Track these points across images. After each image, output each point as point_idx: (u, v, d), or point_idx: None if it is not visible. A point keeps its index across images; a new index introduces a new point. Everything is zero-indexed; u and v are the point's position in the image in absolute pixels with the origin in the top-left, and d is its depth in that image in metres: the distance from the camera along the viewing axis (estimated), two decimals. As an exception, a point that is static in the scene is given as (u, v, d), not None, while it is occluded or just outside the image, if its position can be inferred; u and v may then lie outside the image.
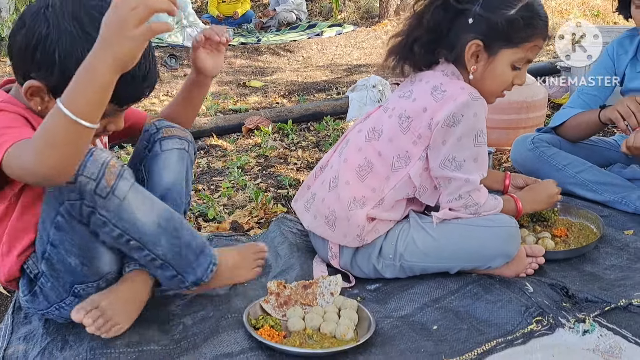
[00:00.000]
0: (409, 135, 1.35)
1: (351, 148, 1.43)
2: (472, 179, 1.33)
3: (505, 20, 1.29)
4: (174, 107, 1.45)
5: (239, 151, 2.77)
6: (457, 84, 1.34)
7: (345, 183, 1.38)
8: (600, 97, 1.92)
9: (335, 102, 3.50)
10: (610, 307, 1.27)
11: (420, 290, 1.38)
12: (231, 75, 5.08)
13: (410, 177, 1.35)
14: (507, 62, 1.34)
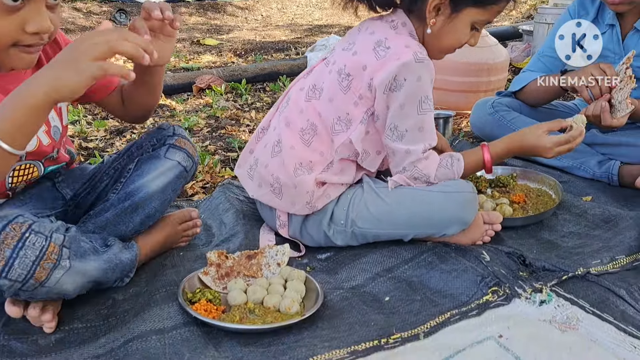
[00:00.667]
0: (349, 95, 1.23)
1: (292, 109, 1.31)
2: (413, 150, 1.24)
3: None
4: (132, 92, 1.23)
5: (188, 112, 2.60)
6: (403, 40, 1.21)
7: (290, 148, 1.27)
8: (560, 59, 1.86)
9: (293, 62, 3.35)
10: (568, 276, 1.22)
11: (372, 260, 1.30)
12: (185, 32, 4.82)
13: (351, 141, 1.25)
14: (469, 22, 1.23)
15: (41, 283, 0.94)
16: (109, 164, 1.29)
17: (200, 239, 1.41)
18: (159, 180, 1.21)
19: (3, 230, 0.90)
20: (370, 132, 1.27)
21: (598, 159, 1.79)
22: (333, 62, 1.28)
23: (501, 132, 1.90)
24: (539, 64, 1.91)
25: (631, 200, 1.63)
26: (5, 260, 0.90)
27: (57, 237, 0.95)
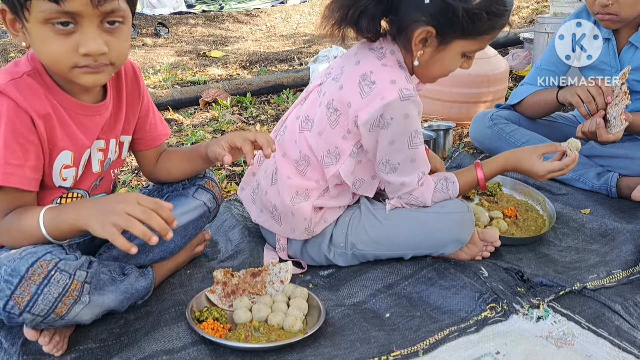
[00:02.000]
0: (337, 129, 1.24)
1: (287, 138, 1.34)
2: (408, 181, 1.26)
3: (467, 12, 1.12)
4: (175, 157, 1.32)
5: (194, 126, 2.65)
6: (389, 73, 1.18)
7: (287, 178, 1.30)
8: (558, 73, 1.89)
9: (296, 74, 3.39)
10: (565, 291, 1.25)
11: (373, 276, 1.34)
12: (191, 44, 4.88)
13: (340, 174, 1.26)
14: (458, 52, 1.21)
15: (61, 317, 0.99)
16: None
17: (206, 255, 1.45)
18: (183, 217, 1.27)
19: (31, 266, 0.94)
20: (362, 161, 1.29)
21: (597, 170, 1.81)
22: (324, 93, 1.28)
23: (500, 144, 1.94)
24: (537, 78, 1.93)
25: (629, 212, 1.66)
26: (30, 295, 0.94)
27: (80, 275, 1.00)
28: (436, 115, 2.65)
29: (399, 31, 1.20)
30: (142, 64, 4.02)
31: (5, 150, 0.96)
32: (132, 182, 1.99)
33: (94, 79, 0.99)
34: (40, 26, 0.92)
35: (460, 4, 1.12)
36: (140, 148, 1.29)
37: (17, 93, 0.96)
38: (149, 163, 1.32)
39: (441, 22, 1.14)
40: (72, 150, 1.07)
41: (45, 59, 0.97)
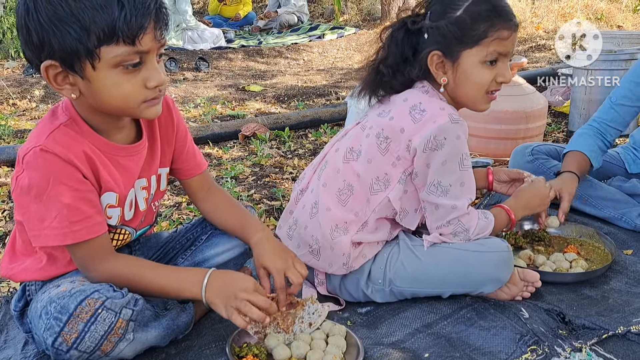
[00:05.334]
0: (387, 156, 1.29)
1: (329, 170, 1.38)
2: (459, 205, 1.28)
3: (452, 23, 1.25)
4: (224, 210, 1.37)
5: (234, 160, 2.73)
6: (437, 103, 1.28)
7: (326, 210, 1.33)
8: (634, 109, 1.83)
9: (334, 109, 3.46)
10: (608, 334, 1.23)
11: (412, 315, 1.34)
12: (231, 79, 5.04)
13: (389, 200, 1.30)
14: (475, 62, 1.27)
15: (106, 354, 1.03)
16: (182, 233, 1.40)
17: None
18: (225, 255, 1.33)
19: (80, 304, 0.99)
20: (408, 191, 1.33)
21: (639, 210, 1.78)
22: (370, 127, 1.35)
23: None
24: (612, 114, 1.85)
25: (675, 254, 1.62)
26: (78, 333, 0.99)
27: (126, 313, 1.04)
28: (474, 151, 2.65)
29: (422, 72, 1.31)
30: (183, 98, 4.17)
31: (66, 211, 1.02)
32: (172, 215, 2.06)
33: (157, 109, 1.06)
34: (110, 70, 0.97)
35: (445, 21, 1.26)
36: (182, 177, 1.34)
37: (59, 147, 1.01)
38: (192, 193, 1.37)
39: (440, 43, 1.27)
40: (116, 191, 1.12)
41: (116, 101, 1.01)
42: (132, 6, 0.94)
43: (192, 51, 6.09)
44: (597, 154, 1.83)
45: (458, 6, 1.25)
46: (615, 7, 7.38)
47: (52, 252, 1.14)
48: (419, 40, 1.30)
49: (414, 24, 1.30)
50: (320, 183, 1.38)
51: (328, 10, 9.15)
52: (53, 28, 0.94)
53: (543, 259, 1.57)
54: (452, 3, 1.26)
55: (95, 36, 0.94)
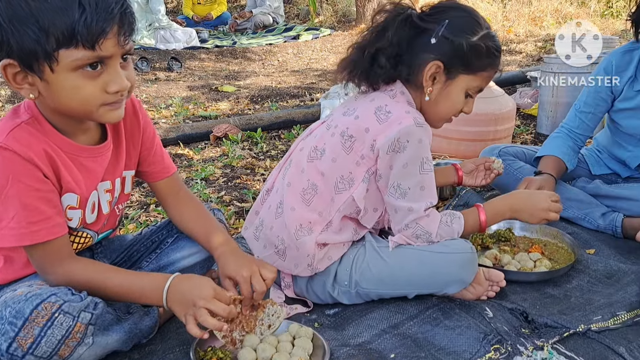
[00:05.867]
0: (352, 155, 1.30)
1: (294, 170, 1.37)
2: (415, 208, 1.29)
3: (469, 46, 1.26)
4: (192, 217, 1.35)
5: (205, 161, 2.70)
6: (402, 107, 1.29)
7: (291, 210, 1.33)
8: (598, 115, 1.88)
9: (307, 110, 3.46)
10: (569, 332, 1.26)
11: (379, 315, 1.35)
12: (204, 79, 5.00)
13: (354, 199, 1.31)
14: (463, 89, 1.31)
15: (64, 358, 1.01)
16: (147, 236, 1.38)
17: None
18: (191, 258, 1.31)
19: (35, 308, 0.96)
20: (370, 190, 1.33)
21: (602, 210, 1.82)
22: (335, 126, 1.35)
23: (507, 180, 1.96)
24: (577, 121, 1.90)
25: (634, 253, 1.66)
26: (33, 338, 0.96)
27: (85, 317, 1.01)
28: (444, 152, 2.68)
29: (410, 72, 1.30)
30: (154, 98, 4.12)
31: (25, 211, 1.00)
32: (140, 217, 2.03)
33: (118, 114, 1.04)
34: (69, 73, 0.94)
35: (462, 40, 1.26)
36: (150, 180, 1.32)
37: (19, 144, 0.98)
38: (161, 197, 1.35)
39: (447, 57, 1.27)
40: (77, 193, 1.10)
41: (74, 104, 0.99)
42: (94, 10, 0.91)
43: (164, 51, 6.02)
44: (570, 156, 1.88)
45: (475, 33, 1.26)
46: (584, 12, 7.56)
47: (9, 253, 1.11)
48: (417, 38, 1.29)
49: (423, 21, 1.28)
50: (285, 183, 1.37)
51: (303, 11, 9.16)
52: (12, 27, 0.91)
53: (508, 259, 1.59)
54: (472, 27, 1.27)
55: (54, 38, 0.91)
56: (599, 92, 1.82)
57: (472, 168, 1.69)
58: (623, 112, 1.79)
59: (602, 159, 1.99)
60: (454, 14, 1.29)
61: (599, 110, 1.85)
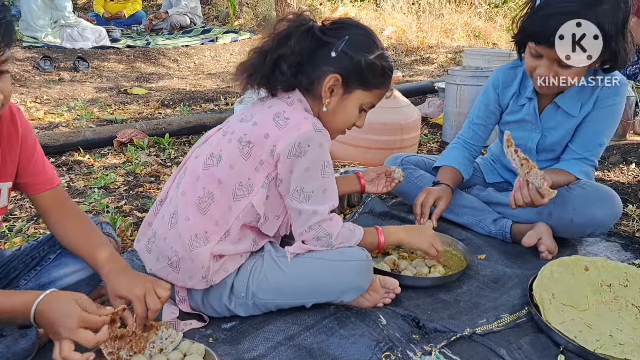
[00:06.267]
0: (250, 161, 1.29)
1: (189, 178, 1.34)
2: (320, 210, 1.31)
3: (367, 63, 1.32)
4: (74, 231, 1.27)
5: (106, 168, 2.57)
6: (300, 113, 1.31)
7: (185, 219, 1.29)
8: (489, 126, 1.98)
9: (220, 115, 3.40)
10: (456, 336, 1.31)
11: (276, 328, 1.34)
12: (112, 80, 4.78)
13: (253, 205, 1.30)
14: (358, 103, 1.37)
15: None
16: (26, 252, 1.28)
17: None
18: (76, 275, 1.23)
19: None
20: (270, 197, 1.33)
21: (493, 217, 1.93)
22: (232, 132, 1.33)
23: (409, 188, 2.03)
24: (470, 132, 1.99)
25: (521, 257, 1.77)
26: None
27: None
28: (353, 160, 2.73)
29: (309, 82, 1.33)
30: (56, 100, 3.88)
31: None
32: (28, 230, 1.89)
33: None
34: None
35: (361, 57, 1.32)
36: (30, 192, 1.24)
37: None
38: (43, 211, 1.26)
39: (346, 71, 1.32)
40: None
41: None
42: None
43: (70, 50, 5.70)
44: (466, 166, 1.97)
45: (372, 52, 1.33)
46: (491, 26, 8.03)
47: None
48: (319, 50, 1.32)
49: (324, 35, 1.31)
50: (180, 192, 1.33)
51: (223, 13, 9.02)
52: None
53: (406, 264, 1.64)
54: (370, 46, 1.33)
55: None
56: (488, 105, 1.93)
57: (373, 176, 1.74)
58: (509, 124, 1.90)
59: (495, 168, 2.11)
60: (353, 32, 1.34)
61: (489, 122, 1.96)
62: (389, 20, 7.65)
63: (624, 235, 1.94)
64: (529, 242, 1.75)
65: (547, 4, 1.54)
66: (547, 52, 1.57)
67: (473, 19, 8.07)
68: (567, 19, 1.49)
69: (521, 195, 1.59)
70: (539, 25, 1.54)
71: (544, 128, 1.82)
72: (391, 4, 8.03)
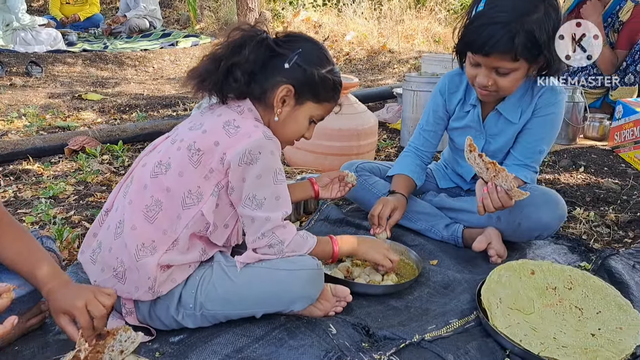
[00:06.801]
0: (200, 169, 1.28)
1: (136, 186, 1.32)
2: (273, 217, 1.30)
3: (319, 76, 1.35)
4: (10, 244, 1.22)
5: (56, 177, 2.49)
6: (251, 122, 1.31)
7: (132, 228, 1.27)
8: (439, 132, 2.01)
9: (176, 121, 3.34)
10: (405, 343, 1.32)
11: (224, 340, 1.32)
12: (67, 86, 4.65)
13: (203, 214, 1.29)
14: (308, 115, 1.40)
15: None
16: None
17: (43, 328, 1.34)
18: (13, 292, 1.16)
19: None
20: (219, 206, 1.32)
21: (445, 222, 1.96)
22: (181, 140, 1.32)
23: (364, 195, 2.05)
24: (421, 139, 2.02)
25: (471, 262, 1.80)
26: None
27: None
28: (311, 166, 2.73)
29: (262, 92, 1.34)
30: (6, 106, 3.74)
31: None
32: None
33: None
34: None
35: (314, 69, 1.34)
36: None
37: None
38: None
39: (298, 83, 1.34)
40: None
41: None
42: None
43: (23, 54, 5.52)
44: (418, 173, 1.99)
45: (324, 66, 1.36)
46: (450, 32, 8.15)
47: None
48: (272, 60, 1.33)
49: (278, 46, 1.33)
50: (126, 201, 1.31)
51: (184, 16, 8.91)
52: None
53: (359, 272, 1.65)
54: (322, 60, 1.36)
55: None
56: (437, 111, 1.97)
57: (327, 181, 1.76)
58: (456, 130, 1.94)
59: (447, 174, 2.15)
60: (306, 45, 1.37)
61: (439, 129, 1.99)
62: (351, 25, 7.71)
63: (572, 238, 2.00)
64: (479, 246, 1.79)
65: (482, 14, 1.59)
66: (484, 61, 1.62)
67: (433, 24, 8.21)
68: (500, 29, 1.54)
69: (491, 200, 1.61)
70: (475, 35, 1.59)
71: (488, 134, 1.87)
72: (353, 9, 8.09)
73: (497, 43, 1.55)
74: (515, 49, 1.55)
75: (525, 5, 1.55)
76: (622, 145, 3.03)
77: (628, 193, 2.48)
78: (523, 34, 1.53)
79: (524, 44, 1.54)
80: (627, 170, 2.80)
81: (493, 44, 1.56)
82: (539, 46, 1.56)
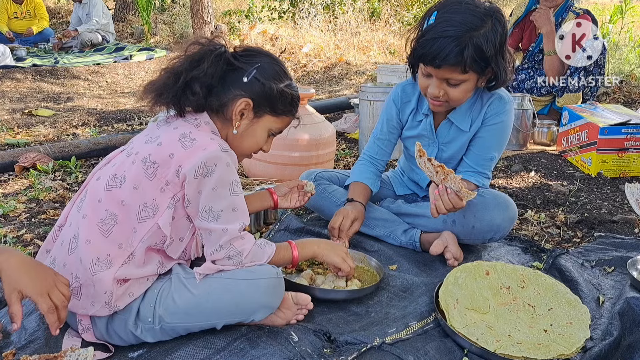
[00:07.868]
0: (155, 182, 1.27)
1: (90, 200, 1.30)
2: (230, 229, 1.30)
3: (277, 90, 1.38)
4: None
5: (5, 196, 2.41)
6: (207, 134, 1.32)
7: (86, 242, 1.25)
8: (392, 141, 2.05)
9: (132, 135, 3.27)
10: (367, 347, 1.33)
11: (185, 353, 1.30)
12: (16, 102, 4.50)
13: (159, 227, 1.28)
14: (266, 128, 1.42)
15: None
16: None
17: (-4, 348, 1.30)
18: None
19: None
20: (175, 219, 1.31)
21: (403, 227, 2.00)
22: (136, 152, 1.31)
23: (324, 203, 2.06)
24: (375, 147, 2.05)
25: (429, 265, 1.84)
26: None
27: None
28: (270, 177, 2.73)
29: (220, 105, 1.36)
30: (-49, 124, 3.60)
31: None
32: None
33: None
34: None
35: (272, 83, 1.38)
36: None
37: None
38: None
39: (257, 96, 1.37)
40: None
41: None
42: None
43: (-31, 69, 5.32)
44: (374, 180, 2.03)
45: (282, 81, 1.39)
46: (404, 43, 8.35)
47: None
48: (231, 74, 1.35)
49: (236, 60, 1.35)
50: (80, 215, 1.29)
51: (138, 30, 8.79)
52: None
53: (322, 279, 1.66)
54: (279, 74, 1.39)
55: None
56: (390, 120, 2.01)
57: (286, 191, 1.78)
58: (410, 139, 1.99)
59: (403, 181, 2.19)
60: (264, 60, 1.39)
61: (392, 137, 2.04)
62: (307, 37, 7.78)
63: (524, 239, 2.07)
64: (435, 250, 1.83)
65: (433, 27, 1.65)
66: (436, 72, 1.68)
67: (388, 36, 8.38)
68: (450, 42, 1.60)
69: (442, 202, 1.65)
70: (426, 48, 1.64)
71: (440, 143, 1.93)
72: (308, 21, 8.17)
73: (447, 56, 1.61)
74: (465, 61, 1.61)
75: (474, 20, 1.62)
76: (569, 149, 3.16)
77: (575, 195, 2.59)
78: (471, 47, 1.59)
79: (473, 57, 1.61)
80: (574, 173, 2.93)
81: (444, 57, 1.61)
82: (487, 59, 1.63)
